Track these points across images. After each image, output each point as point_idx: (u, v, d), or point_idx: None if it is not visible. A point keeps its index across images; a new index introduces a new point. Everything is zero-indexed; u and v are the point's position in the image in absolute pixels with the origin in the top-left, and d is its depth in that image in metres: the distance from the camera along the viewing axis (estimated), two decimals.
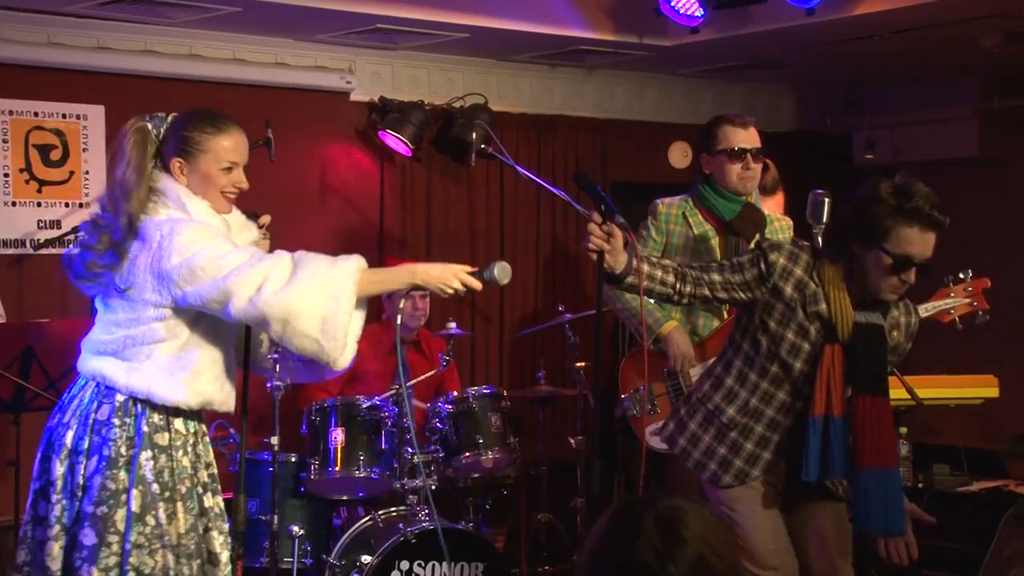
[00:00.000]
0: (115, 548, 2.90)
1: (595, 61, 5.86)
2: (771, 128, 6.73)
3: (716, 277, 3.18)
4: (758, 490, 3.28)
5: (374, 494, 4.49)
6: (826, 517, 3.31)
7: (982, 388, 4.84)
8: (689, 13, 5.04)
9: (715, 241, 4.13)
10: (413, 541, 4.13)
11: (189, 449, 3.03)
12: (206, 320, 2.97)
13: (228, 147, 3.01)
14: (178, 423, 3.01)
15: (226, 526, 3.10)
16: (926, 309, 4.00)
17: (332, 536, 4.43)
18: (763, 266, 3.15)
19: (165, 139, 3.02)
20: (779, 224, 4.23)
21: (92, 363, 3.00)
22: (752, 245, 4.11)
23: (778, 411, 3.22)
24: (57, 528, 2.93)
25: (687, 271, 3.20)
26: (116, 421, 2.94)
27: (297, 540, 4.30)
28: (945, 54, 5.65)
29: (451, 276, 2.95)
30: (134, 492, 2.91)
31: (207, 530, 3.04)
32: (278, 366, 3.62)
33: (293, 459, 4.43)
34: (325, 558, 4.30)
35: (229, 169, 3.01)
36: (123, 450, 2.93)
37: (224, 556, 3.06)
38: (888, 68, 6.11)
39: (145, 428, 2.95)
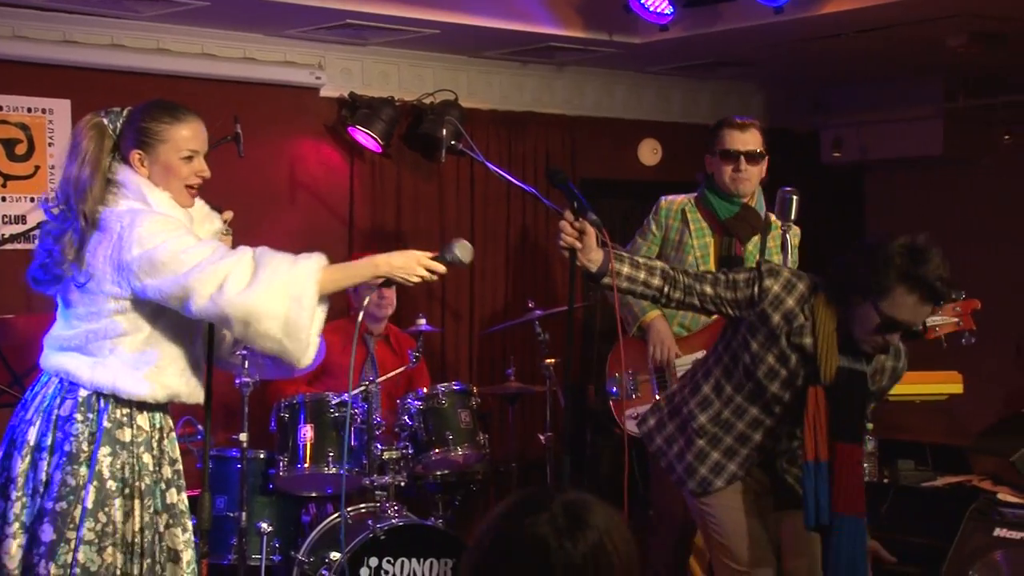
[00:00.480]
0: (72, 544, 2.87)
1: (565, 58, 5.87)
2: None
3: (708, 290, 3.18)
4: (736, 489, 3.31)
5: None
6: (802, 521, 3.33)
7: (947, 384, 4.89)
8: (659, 11, 5.05)
9: (709, 239, 4.20)
10: (382, 538, 4.13)
11: (153, 445, 3.00)
12: (169, 313, 2.94)
13: (187, 135, 2.98)
14: (141, 419, 2.98)
15: (190, 523, 3.08)
16: None
17: (301, 533, 4.42)
18: (756, 289, 3.14)
19: (122, 133, 2.99)
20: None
21: (55, 359, 2.98)
22: (750, 246, 4.15)
23: (748, 425, 3.25)
24: (16, 526, 2.90)
25: (679, 277, 3.19)
26: (79, 416, 2.92)
27: (266, 537, 4.28)
28: (911, 53, 5.70)
29: (414, 263, 2.94)
30: (90, 487, 2.89)
31: (169, 527, 3.02)
32: (247, 362, 3.60)
33: (262, 455, 4.41)
34: (294, 555, 4.29)
35: (190, 158, 2.98)
36: (84, 446, 2.91)
37: (187, 554, 3.04)
38: (855, 67, 6.16)
39: (107, 424, 2.92)
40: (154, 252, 2.82)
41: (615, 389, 4.27)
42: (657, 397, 4.14)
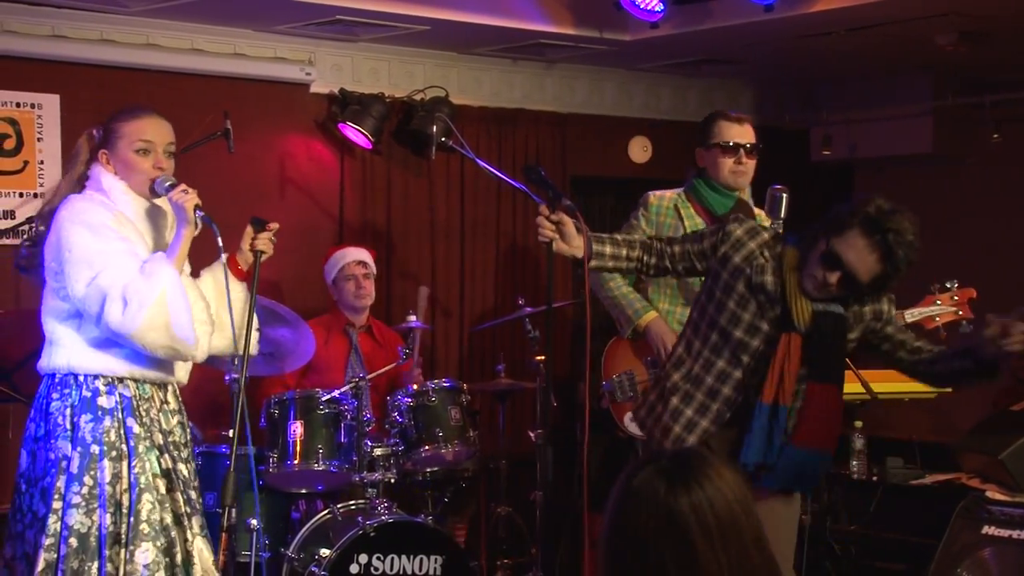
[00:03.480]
0: (60, 513, 2.99)
1: (555, 55, 5.86)
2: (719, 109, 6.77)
3: (677, 248, 3.30)
4: None
5: (333, 487, 4.47)
6: (769, 524, 3.33)
7: None
8: (649, 8, 5.05)
9: None
10: (372, 534, 4.13)
11: (141, 412, 3.09)
12: None
13: (140, 128, 3.14)
14: (122, 388, 3.08)
15: (194, 492, 3.18)
16: (911, 315, 4.04)
17: (290, 530, 4.41)
18: (720, 234, 3.24)
19: (101, 136, 3.20)
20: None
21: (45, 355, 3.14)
22: None
23: (717, 379, 3.25)
24: (30, 517, 3.03)
25: (654, 243, 3.31)
26: (55, 395, 3.06)
27: (255, 534, 4.27)
28: (901, 51, 5.72)
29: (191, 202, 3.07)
30: (74, 454, 3.00)
31: (170, 491, 3.10)
32: (235, 359, 3.59)
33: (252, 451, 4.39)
34: (283, 552, 4.28)
35: (145, 151, 3.13)
36: (61, 420, 3.03)
37: (196, 522, 3.13)
38: (845, 64, 6.17)
39: (85, 393, 3.05)
40: (95, 285, 2.97)
41: (618, 396, 4.19)
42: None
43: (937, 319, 4.15)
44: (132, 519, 3.01)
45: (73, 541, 2.96)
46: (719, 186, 4.17)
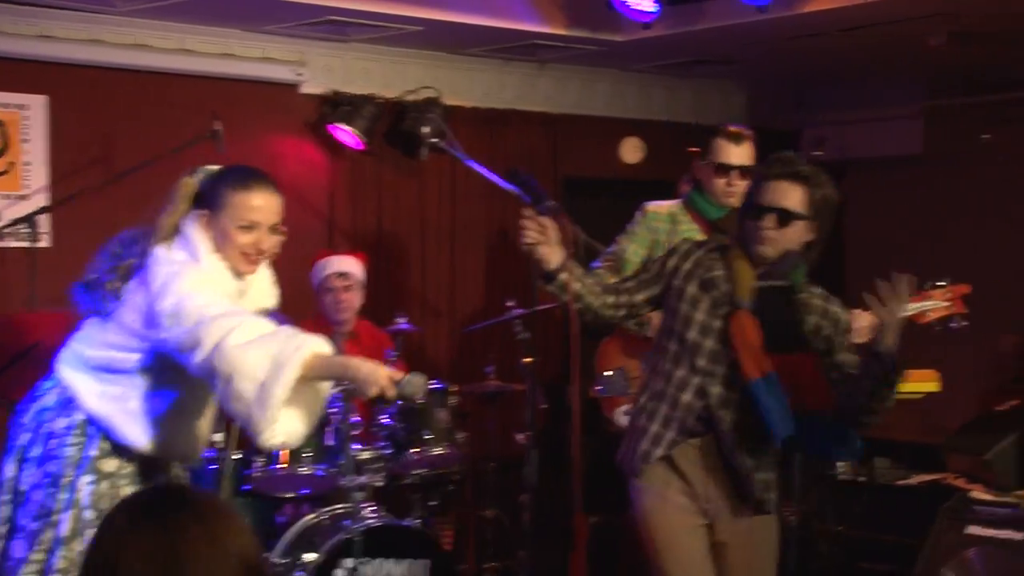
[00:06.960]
0: (37, 567, 2.88)
1: (547, 56, 5.86)
2: (721, 124, 6.76)
3: (631, 282, 3.34)
4: (685, 515, 3.28)
5: (319, 491, 4.45)
6: (748, 550, 3.32)
7: (924, 383, 4.89)
8: (642, 8, 5.05)
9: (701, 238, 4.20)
10: (358, 539, 4.12)
11: (139, 480, 2.99)
12: (187, 375, 2.86)
13: (249, 205, 2.92)
14: (130, 454, 2.98)
15: None
16: (906, 309, 4.04)
17: (275, 534, 4.40)
18: (667, 253, 3.34)
19: (203, 190, 2.97)
20: None
21: (69, 373, 2.97)
22: None
23: (677, 388, 3.25)
24: (4, 528, 2.94)
25: (616, 284, 3.35)
26: (70, 440, 2.91)
27: None
28: (892, 52, 5.72)
29: (375, 380, 2.76)
30: (67, 515, 2.89)
31: None
32: None
33: (238, 456, 4.39)
34: (268, 557, 4.26)
35: (249, 228, 2.92)
36: (69, 471, 2.91)
37: None
38: (837, 66, 6.17)
39: (93, 452, 2.92)
40: (182, 302, 2.78)
41: (604, 387, 4.23)
42: None
43: (930, 314, 4.14)
44: None
45: None
46: (713, 201, 4.19)
